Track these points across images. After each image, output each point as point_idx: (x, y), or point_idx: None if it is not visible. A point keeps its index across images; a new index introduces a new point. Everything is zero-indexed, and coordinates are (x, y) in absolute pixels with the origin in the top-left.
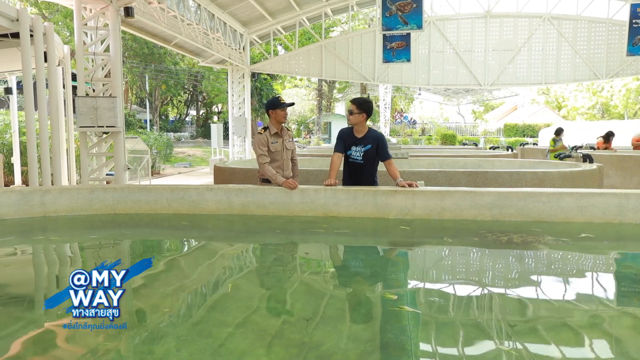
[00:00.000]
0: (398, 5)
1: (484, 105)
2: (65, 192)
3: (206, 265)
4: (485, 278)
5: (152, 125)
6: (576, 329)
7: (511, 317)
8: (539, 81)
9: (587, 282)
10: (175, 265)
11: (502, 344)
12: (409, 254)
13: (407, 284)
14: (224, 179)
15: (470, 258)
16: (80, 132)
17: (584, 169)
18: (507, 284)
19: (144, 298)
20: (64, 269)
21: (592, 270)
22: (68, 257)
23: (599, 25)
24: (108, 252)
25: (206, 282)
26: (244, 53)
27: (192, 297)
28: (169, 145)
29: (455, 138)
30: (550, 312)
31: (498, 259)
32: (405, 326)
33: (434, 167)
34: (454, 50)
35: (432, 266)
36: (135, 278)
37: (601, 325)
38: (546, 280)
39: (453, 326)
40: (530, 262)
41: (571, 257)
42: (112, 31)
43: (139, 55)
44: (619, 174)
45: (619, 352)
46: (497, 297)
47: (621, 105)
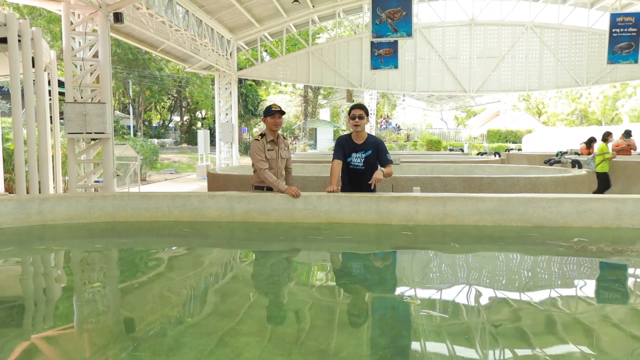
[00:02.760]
0: (388, 13)
1: (466, 112)
2: (63, 200)
3: (212, 274)
4: (500, 283)
5: (136, 131)
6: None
7: (523, 320)
8: (522, 88)
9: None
10: (180, 274)
11: (522, 349)
12: (415, 259)
13: (417, 289)
14: (219, 185)
15: (478, 263)
16: (68, 138)
17: (574, 175)
18: (521, 289)
19: (155, 309)
20: (59, 280)
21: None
22: (64, 267)
23: (580, 34)
24: (107, 261)
25: (214, 291)
26: (231, 59)
27: (203, 306)
28: (154, 152)
29: (440, 144)
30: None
31: (511, 264)
32: (421, 331)
33: (426, 173)
34: (440, 57)
35: (439, 271)
36: (143, 290)
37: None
38: (553, 285)
39: (469, 330)
40: (544, 265)
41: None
42: (101, 37)
43: (123, 61)
44: None
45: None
46: (512, 302)
47: (599, 111)
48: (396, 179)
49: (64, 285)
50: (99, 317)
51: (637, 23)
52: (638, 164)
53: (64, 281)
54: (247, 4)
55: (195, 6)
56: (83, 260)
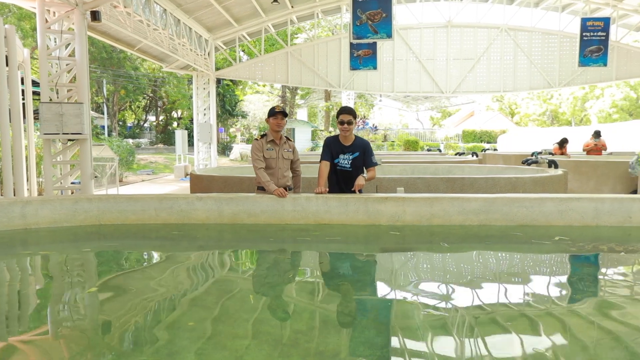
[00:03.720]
0: (368, 14)
1: (441, 112)
2: (47, 203)
3: (202, 277)
4: (488, 280)
5: (110, 131)
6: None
7: (517, 317)
8: (497, 89)
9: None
10: (170, 278)
11: (520, 345)
12: (405, 259)
13: (410, 288)
14: (202, 187)
15: (467, 262)
16: (44, 139)
17: (552, 175)
18: (507, 284)
19: (149, 314)
20: (46, 286)
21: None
22: (50, 272)
23: (552, 37)
24: (93, 266)
25: (207, 294)
26: (209, 59)
27: (197, 310)
28: (131, 152)
29: (418, 144)
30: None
31: (493, 261)
32: (417, 330)
33: (408, 174)
34: (417, 59)
35: (430, 270)
36: (133, 295)
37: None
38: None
39: (467, 328)
40: (524, 262)
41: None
42: (77, 35)
43: (97, 60)
44: (576, 178)
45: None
46: (506, 300)
47: (569, 112)
48: (380, 180)
49: (51, 292)
50: (92, 323)
51: (606, 27)
52: (609, 163)
53: (51, 287)
54: (226, 4)
55: (173, 5)
56: (69, 265)
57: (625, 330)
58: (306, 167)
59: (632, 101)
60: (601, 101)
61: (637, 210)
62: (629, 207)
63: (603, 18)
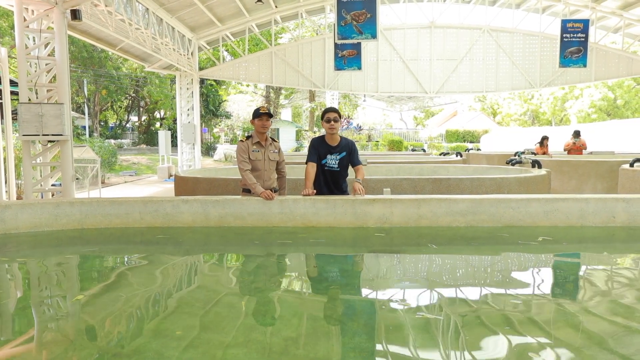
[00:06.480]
0: (353, 15)
1: (425, 112)
2: (27, 207)
3: (189, 282)
4: (477, 282)
5: (92, 131)
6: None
7: (512, 316)
8: (480, 89)
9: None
10: (155, 284)
11: (508, 347)
12: (394, 261)
13: (400, 291)
14: (187, 189)
15: (456, 263)
16: (23, 140)
17: (536, 175)
18: (495, 287)
19: (134, 322)
20: (27, 293)
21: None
22: (31, 279)
23: (533, 38)
24: (76, 272)
25: (194, 300)
26: (193, 59)
27: (183, 317)
28: (113, 153)
29: (402, 144)
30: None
31: (481, 263)
32: (408, 334)
33: (393, 174)
34: (401, 59)
35: (420, 272)
36: (118, 302)
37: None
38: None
39: (460, 331)
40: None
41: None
42: (57, 34)
43: (77, 59)
44: (558, 177)
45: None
46: (493, 298)
47: (549, 112)
48: (367, 181)
49: (31, 300)
50: (74, 333)
51: (585, 29)
52: (590, 162)
53: (31, 295)
54: (209, 3)
55: (156, 4)
56: (50, 272)
57: (610, 330)
58: (291, 168)
59: (610, 101)
60: (580, 101)
61: (620, 211)
62: (613, 207)
63: (582, 20)
